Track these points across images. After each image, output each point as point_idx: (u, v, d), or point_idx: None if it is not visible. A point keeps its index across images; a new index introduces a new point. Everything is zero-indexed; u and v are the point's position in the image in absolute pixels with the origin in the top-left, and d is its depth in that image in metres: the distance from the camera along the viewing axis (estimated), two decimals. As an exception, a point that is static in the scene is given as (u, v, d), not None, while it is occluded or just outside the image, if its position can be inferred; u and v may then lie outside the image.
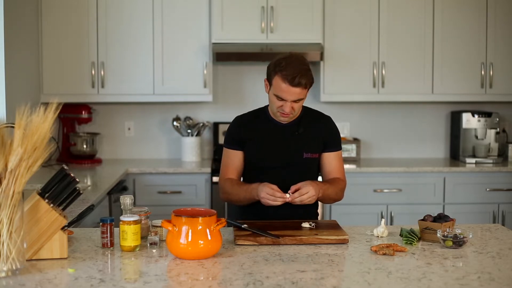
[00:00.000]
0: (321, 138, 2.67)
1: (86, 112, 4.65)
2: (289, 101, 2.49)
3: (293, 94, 2.47)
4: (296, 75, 2.43)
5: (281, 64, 2.47)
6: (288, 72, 2.44)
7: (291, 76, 2.43)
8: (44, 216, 1.95)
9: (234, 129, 2.69)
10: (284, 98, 2.48)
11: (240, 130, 2.67)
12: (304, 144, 2.64)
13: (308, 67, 2.50)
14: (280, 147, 2.64)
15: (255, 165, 2.66)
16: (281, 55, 2.54)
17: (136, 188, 4.33)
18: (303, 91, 2.48)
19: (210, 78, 4.56)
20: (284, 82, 2.45)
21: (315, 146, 2.66)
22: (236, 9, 4.46)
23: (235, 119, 2.74)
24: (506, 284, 1.79)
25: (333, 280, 1.82)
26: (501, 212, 4.45)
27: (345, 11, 4.58)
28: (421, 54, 4.63)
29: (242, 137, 2.66)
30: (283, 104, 2.51)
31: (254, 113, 2.73)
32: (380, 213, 4.40)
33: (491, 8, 4.62)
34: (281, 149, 2.64)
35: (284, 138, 2.64)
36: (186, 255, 2.00)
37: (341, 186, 2.69)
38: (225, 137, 2.72)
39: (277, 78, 2.48)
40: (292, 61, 2.47)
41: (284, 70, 2.45)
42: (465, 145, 4.76)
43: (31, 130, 1.81)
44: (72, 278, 1.82)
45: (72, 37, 4.47)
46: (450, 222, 2.28)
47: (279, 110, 2.54)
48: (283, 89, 2.46)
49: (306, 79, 2.45)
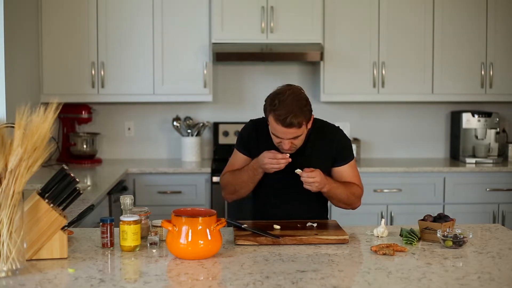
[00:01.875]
0: (329, 155, 2.62)
1: (86, 112, 4.65)
2: (285, 139, 2.45)
3: (287, 134, 2.42)
4: (288, 115, 2.36)
5: (273, 103, 2.40)
6: (280, 112, 2.37)
7: (283, 117, 2.36)
8: (44, 216, 1.95)
9: (246, 134, 2.68)
10: (281, 137, 2.45)
11: (251, 137, 2.65)
12: (312, 165, 2.52)
13: (303, 104, 2.41)
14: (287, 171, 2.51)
15: (263, 183, 2.61)
16: (277, 90, 2.46)
17: (136, 188, 4.33)
18: (298, 130, 2.42)
19: (210, 78, 4.56)
20: (277, 123, 2.40)
21: (323, 165, 2.58)
22: (236, 9, 4.46)
23: (249, 124, 2.70)
24: (506, 284, 1.79)
25: (333, 280, 1.82)
26: (501, 212, 4.45)
27: (345, 11, 4.58)
28: (421, 54, 4.63)
29: (252, 145, 2.64)
30: (281, 141, 2.46)
31: (262, 124, 2.62)
32: (380, 213, 4.40)
33: (491, 8, 4.62)
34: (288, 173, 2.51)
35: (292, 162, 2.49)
36: (186, 255, 2.00)
37: (355, 191, 2.64)
38: (237, 138, 2.72)
39: (270, 117, 2.43)
40: (285, 99, 2.39)
41: (277, 110, 2.39)
42: (465, 145, 4.76)
43: (31, 130, 1.81)
44: (72, 278, 1.82)
45: (72, 37, 4.47)
46: (450, 222, 2.28)
47: (280, 146, 2.49)
48: (277, 130, 2.42)
49: (299, 118, 2.38)
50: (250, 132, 2.66)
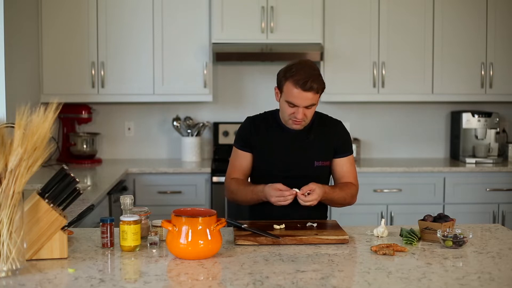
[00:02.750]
0: (332, 144, 2.63)
1: (86, 112, 4.65)
2: (301, 107, 2.45)
3: (305, 100, 2.43)
4: (308, 80, 2.40)
5: (291, 70, 2.44)
6: (299, 77, 2.40)
7: (303, 81, 2.40)
8: (44, 216, 1.94)
9: (245, 130, 2.66)
10: (297, 104, 2.44)
11: (251, 133, 2.64)
12: (315, 152, 2.59)
13: (319, 72, 2.47)
14: (290, 156, 2.59)
15: (265, 172, 2.62)
16: (290, 62, 2.51)
17: (136, 188, 4.33)
18: (315, 96, 2.45)
19: (210, 78, 4.56)
20: (296, 87, 2.41)
21: (326, 153, 2.62)
22: (236, 9, 4.46)
23: (246, 120, 2.70)
24: (506, 284, 1.79)
25: (333, 280, 1.82)
26: (501, 212, 4.45)
27: (345, 11, 4.58)
28: (421, 54, 4.63)
29: (252, 140, 2.63)
30: (295, 111, 2.47)
31: (265, 117, 2.68)
32: (380, 213, 4.40)
33: (491, 8, 4.62)
34: (292, 158, 2.59)
35: (295, 146, 2.59)
36: (186, 255, 2.00)
37: (351, 191, 2.64)
38: (236, 136, 2.71)
39: (288, 84, 2.44)
40: (302, 67, 2.44)
41: (295, 75, 2.42)
42: (465, 145, 4.76)
43: (31, 130, 1.81)
44: (72, 278, 1.82)
45: (72, 37, 4.47)
46: (450, 222, 2.28)
47: (291, 118, 2.50)
48: (294, 95, 2.43)
49: (317, 83, 2.42)
50: (249, 128, 2.66)
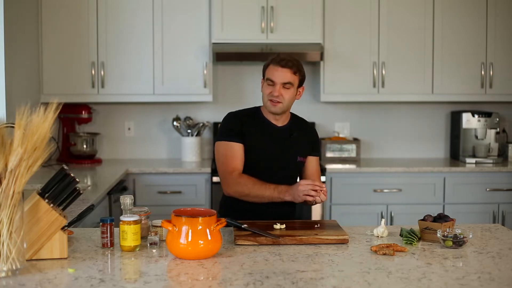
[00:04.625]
0: (310, 143, 2.80)
1: (86, 112, 4.65)
2: (278, 83, 2.60)
3: (282, 76, 2.60)
4: (286, 59, 2.61)
5: (276, 55, 2.67)
6: (280, 58, 2.63)
7: (281, 59, 2.62)
8: (44, 216, 1.94)
9: (232, 123, 2.70)
10: (274, 79, 2.61)
11: (239, 124, 2.68)
12: (298, 148, 2.75)
13: (300, 63, 2.67)
14: (277, 150, 2.70)
15: (251, 165, 2.67)
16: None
17: (136, 188, 4.33)
18: (292, 76, 2.62)
19: (210, 78, 4.56)
20: (274, 65, 2.62)
21: (305, 150, 2.78)
22: (236, 9, 4.46)
23: (230, 114, 2.75)
24: (506, 284, 1.79)
25: (333, 280, 1.82)
26: (501, 212, 4.45)
27: (345, 11, 4.58)
28: (421, 54, 4.63)
29: (242, 130, 2.67)
30: (273, 90, 2.61)
31: (248, 112, 2.77)
32: (380, 213, 4.40)
33: (491, 8, 4.62)
34: (278, 152, 2.71)
35: (281, 141, 2.71)
36: (186, 255, 2.00)
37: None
38: (222, 131, 2.71)
39: (270, 66, 2.64)
40: (287, 55, 2.67)
41: (277, 58, 2.65)
42: (465, 145, 4.76)
43: (31, 130, 1.81)
44: (72, 278, 1.82)
45: (72, 37, 4.47)
46: (450, 222, 2.28)
47: (269, 97, 2.63)
48: (272, 71, 2.62)
49: (296, 65, 2.62)
50: (235, 121, 2.70)
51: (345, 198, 4.37)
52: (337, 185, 4.37)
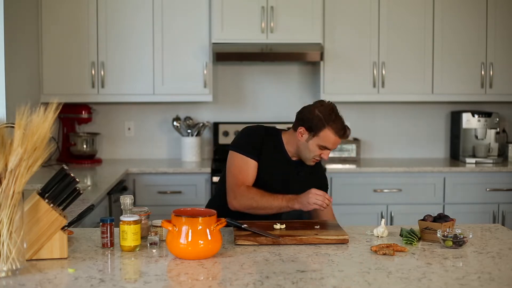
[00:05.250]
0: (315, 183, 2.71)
1: (86, 112, 4.65)
2: (331, 150, 2.65)
3: (337, 145, 2.66)
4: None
5: (331, 116, 2.60)
6: (340, 126, 2.60)
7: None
8: (44, 216, 1.94)
9: (254, 138, 2.67)
10: (330, 148, 2.64)
11: (260, 142, 2.66)
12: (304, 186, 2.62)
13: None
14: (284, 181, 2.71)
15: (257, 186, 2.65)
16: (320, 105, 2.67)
17: (136, 188, 4.33)
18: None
19: (210, 78, 4.56)
20: (335, 135, 2.60)
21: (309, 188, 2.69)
22: (236, 9, 4.46)
23: (253, 128, 2.73)
24: (506, 284, 1.79)
25: (333, 280, 1.82)
26: (501, 212, 4.45)
27: (345, 11, 4.58)
28: (421, 54, 4.63)
29: (260, 150, 2.65)
30: (324, 153, 2.65)
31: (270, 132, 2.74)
32: (380, 213, 4.40)
33: (491, 8, 4.62)
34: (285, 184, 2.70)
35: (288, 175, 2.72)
36: (186, 255, 2.00)
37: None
38: (241, 143, 2.67)
39: (328, 129, 2.59)
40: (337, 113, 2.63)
41: (336, 123, 2.60)
42: (465, 145, 4.76)
43: (31, 130, 1.81)
44: (72, 278, 1.82)
45: (72, 37, 4.47)
46: (450, 222, 2.28)
47: (316, 157, 2.66)
48: (332, 141, 2.61)
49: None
50: (261, 139, 2.67)
51: (345, 198, 4.36)
52: (337, 185, 4.37)
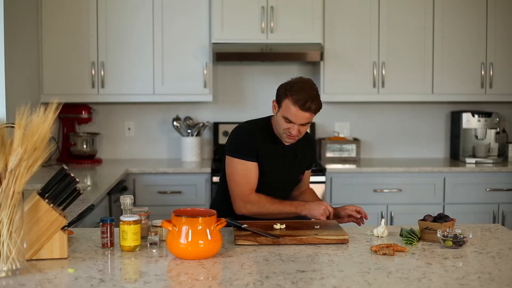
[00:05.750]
0: (308, 160, 2.83)
1: (86, 112, 4.65)
2: (297, 124, 2.54)
3: (302, 118, 2.53)
4: (307, 100, 2.49)
5: (292, 87, 2.52)
6: (300, 96, 2.49)
7: (303, 101, 2.49)
8: (44, 216, 1.94)
9: (248, 141, 2.64)
10: (293, 121, 2.53)
11: (254, 141, 2.64)
12: (300, 168, 2.79)
13: (318, 93, 2.56)
14: (285, 169, 2.72)
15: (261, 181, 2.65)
16: (292, 79, 2.59)
17: (136, 188, 4.33)
18: (311, 116, 2.54)
19: (210, 78, 4.56)
20: (295, 106, 2.50)
21: (304, 168, 2.83)
22: (236, 9, 4.46)
23: (244, 129, 2.68)
24: (506, 284, 1.79)
25: (333, 280, 1.82)
26: (501, 212, 4.45)
27: (345, 11, 4.58)
28: (421, 54, 4.63)
29: (257, 148, 2.63)
30: (291, 127, 2.55)
31: (259, 126, 2.70)
32: (380, 213, 4.40)
33: (491, 8, 4.62)
34: (285, 171, 2.72)
35: (288, 161, 2.72)
36: (186, 255, 2.00)
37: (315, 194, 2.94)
38: (237, 148, 2.63)
39: (288, 101, 2.52)
40: (304, 86, 2.53)
41: (296, 94, 2.50)
42: (465, 145, 4.76)
43: (31, 130, 1.81)
44: (72, 278, 1.82)
45: (72, 37, 4.47)
46: (450, 222, 2.28)
47: (286, 132, 2.58)
48: (292, 112, 2.52)
49: (316, 104, 2.52)
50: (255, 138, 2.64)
51: (345, 198, 4.36)
52: (337, 185, 4.37)
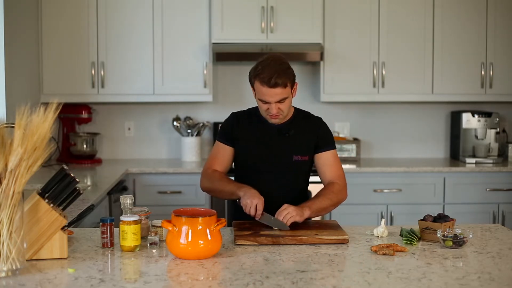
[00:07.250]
0: (312, 139, 2.65)
1: (86, 112, 4.65)
2: (273, 103, 2.51)
3: (274, 96, 2.49)
4: (272, 76, 2.45)
5: (258, 68, 2.51)
6: (264, 75, 2.47)
7: (268, 78, 2.46)
8: (44, 216, 1.95)
9: (228, 125, 2.72)
10: (267, 100, 2.51)
11: (234, 127, 2.69)
12: (294, 147, 2.63)
13: (286, 66, 2.51)
14: (270, 149, 2.64)
15: (247, 166, 2.68)
16: (259, 59, 2.56)
17: (136, 188, 4.33)
18: (284, 90, 2.49)
19: (210, 78, 4.56)
20: (263, 85, 2.48)
21: (305, 148, 2.64)
22: (236, 9, 4.46)
23: (231, 115, 2.75)
24: (506, 284, 1.79)
25: (333, 280, 1.82)
26: (501, 212, 4.45)
27: (345, 11, 4.58)
28: (421, 54, 4.63)
29: (234, 134, 2.68)
30: (269, 107, 2.53)
31: (249, 112, 2.75)
32: (380, 213, 4.40)
33: (491, 8, 4.62)
34: (271, 151, 2.64)
35: (274, 140, 2.64)
36: (186, 255, 2.00)
37: (335, 190, 2.58)
38: (219, 130, 2.76)
39: (256, 83, 2.51)
40: (268, 63, 2.50)
41: (261, 73, 2.48)
42: (465, 145, 4.76)
43: (31, 130, 1.81)
44: (72, 278, 1.82)
45: (72, 37, 4.47)
46: (450, 222, 2.28)
47: (267, 113, 2.57)
48: (263, 92, 2.50)
49: (283, 78, 2.47)
50: (231, 123, 2.71)
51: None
52: (337, 185, 4.37)
